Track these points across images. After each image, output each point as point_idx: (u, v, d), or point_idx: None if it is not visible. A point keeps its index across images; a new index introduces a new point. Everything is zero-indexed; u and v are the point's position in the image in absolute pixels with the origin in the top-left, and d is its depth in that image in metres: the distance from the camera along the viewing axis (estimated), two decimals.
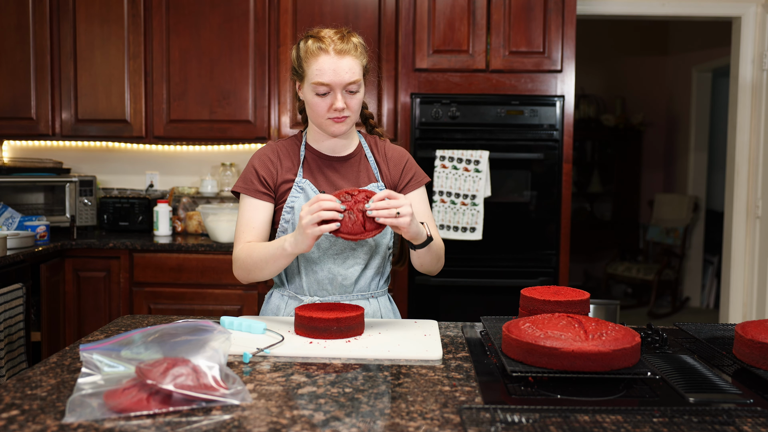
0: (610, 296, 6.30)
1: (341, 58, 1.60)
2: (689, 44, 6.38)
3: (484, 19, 3.15)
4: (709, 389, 1.19)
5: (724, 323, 1.59)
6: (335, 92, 1.62)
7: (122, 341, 1.15)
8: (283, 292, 1.79)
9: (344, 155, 1.77)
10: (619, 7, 3.69)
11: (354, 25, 3.44)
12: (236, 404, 1.09)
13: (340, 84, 1.61)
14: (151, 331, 1.17)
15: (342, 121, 1.65)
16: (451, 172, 3.13)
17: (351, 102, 1.64)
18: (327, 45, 1.60)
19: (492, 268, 3.20)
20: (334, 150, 1.76)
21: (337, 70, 1.60)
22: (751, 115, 3.70)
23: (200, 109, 3.50)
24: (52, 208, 3.54)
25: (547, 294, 1.56)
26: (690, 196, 6.18)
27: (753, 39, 3.68)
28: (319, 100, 1.63)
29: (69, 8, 3.49)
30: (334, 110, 1.63)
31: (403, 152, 1.82)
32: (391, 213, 1.47)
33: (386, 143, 1.82)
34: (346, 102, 1.63)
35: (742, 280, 3.76)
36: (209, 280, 3.24)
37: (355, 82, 1.62)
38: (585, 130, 6.61)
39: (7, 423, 1.00)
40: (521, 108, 3.17)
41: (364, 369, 1.30)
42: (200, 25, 3.47)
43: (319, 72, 1.60)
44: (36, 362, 3.10)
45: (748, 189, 3.72)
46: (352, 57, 1.62)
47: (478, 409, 1.06)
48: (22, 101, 3.52)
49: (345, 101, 1.63)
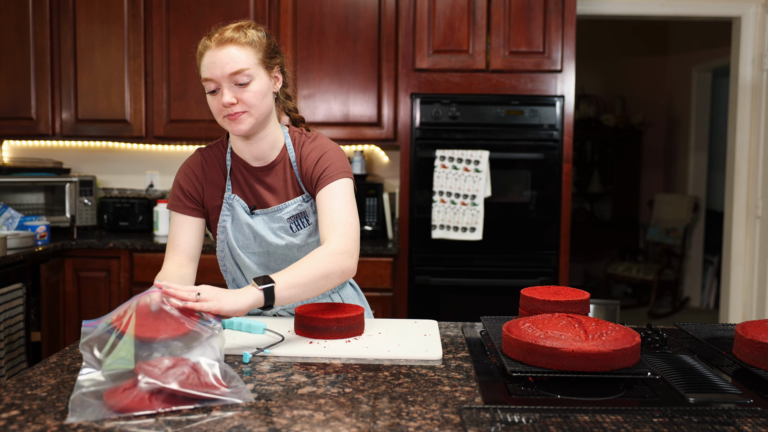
0: (610, 296, 6.30)
1: (221, 49, 1.47)
2: (689, 44, 6.38)
3: (484, 19, 3.15)
4: (709, 389, 1.19)
5: (724, 323, 1.59)
6: (222, 86, 1.49)
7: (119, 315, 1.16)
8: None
9: (269, 163, 1.63)
10: (619, 7, 3.69)
11: (354, 25, 3.45)
12: (238, 402, 1.09)
13: (222, 76, 1.48)
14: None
15: (236, 118, 1.50)
16: (451, 172, 3.13)
17: (243, 96, 1.49)
18: (211, 40, 1.49)
19: (492, 268, 3.20)
20: (258, 157, 1.62)
21: (216, 61, 1.47)
22: (751, 115, 3.70)
23: (200, 109, 3.50)
24: (52, 208, 3.54)
25: (547, 294, 1.56)
26: (690, 196, 6.18)
27: (753, 39, 3.68)
28: (212, 99, 1.52)
29: (69, 8, 3.49)
30: (224, 107, 1.50)
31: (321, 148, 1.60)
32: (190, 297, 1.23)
33: (307, 141, 1.64)
34: (236, 96, 1.49)
35: (742, 280, 3.76)
36: (209, 280, 3.23)
37: (239, 71, 1.47)
38: (585, 130, 6.61)
39: (7, 423, 1.00)
40: (521, 108, 3.17)
41: (364, 369, 1.30)
42: (200, 25, 3.47)
43: (204, 67, 1.50)
44: (36, 362, 3.10)
45: (748, 189, 3.72)
46: (235, 46, 1.48)
47: (478, 409, 1.06)
48: (22, 101, 3.52)
49: (235, 95, 1.49)
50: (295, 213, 1.62)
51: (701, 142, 6.29)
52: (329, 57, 3.46)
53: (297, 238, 1.64)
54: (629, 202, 6.82)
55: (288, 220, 1.62)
